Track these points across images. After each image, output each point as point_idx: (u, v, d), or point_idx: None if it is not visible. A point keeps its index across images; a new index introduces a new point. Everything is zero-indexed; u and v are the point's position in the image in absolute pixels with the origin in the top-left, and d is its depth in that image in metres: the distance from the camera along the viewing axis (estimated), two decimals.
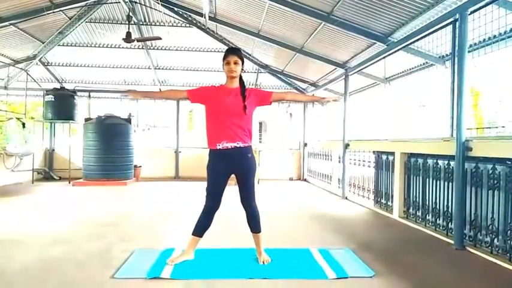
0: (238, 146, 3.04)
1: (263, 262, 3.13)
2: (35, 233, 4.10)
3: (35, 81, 10.20)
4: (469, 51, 3.93)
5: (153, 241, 3.84)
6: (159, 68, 10.47)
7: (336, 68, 7.93)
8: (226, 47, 9.27)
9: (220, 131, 3.05)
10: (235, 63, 3.08)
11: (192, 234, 3.18)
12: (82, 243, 3.72)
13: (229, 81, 3.15)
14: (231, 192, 3.40)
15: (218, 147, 3.05)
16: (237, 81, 3.15)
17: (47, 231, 4.19)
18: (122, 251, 3.42)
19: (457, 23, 3.98)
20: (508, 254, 3.25)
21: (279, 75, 10.31)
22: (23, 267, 3.03)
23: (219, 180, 3.12)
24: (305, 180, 10.15)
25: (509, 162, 3.28)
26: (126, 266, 3.04)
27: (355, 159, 6.90)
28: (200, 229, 3.16)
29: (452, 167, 4.00)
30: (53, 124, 10.04)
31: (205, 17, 7.39)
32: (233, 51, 3.14)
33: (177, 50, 9.64)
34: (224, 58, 3.12)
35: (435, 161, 4.41)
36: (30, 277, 2.84)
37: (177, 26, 8.74)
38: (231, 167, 3.10)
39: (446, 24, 4.34)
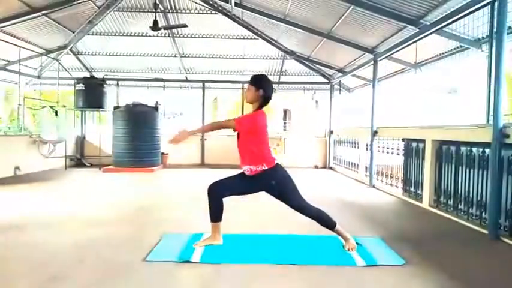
0: (249, 169, 3.11)
1: (348, 249, 3.13)
2: (70, 217, 4.27)
3: (66, 70, 10.50)
4: (508, 34, 3.74)
5: (183, 226, 3.91)
6: (185, 56, 10.54)
7: (364, 54, 7.74)
8: (251, 34, 9.24)
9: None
10: (248, 88, 3.19)
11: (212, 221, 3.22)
12: (114, 227, 3.84)
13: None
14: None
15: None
16: (254, 106, 3.18)
17: (80, 215, 4.35)
18: (152, 234, 3.50)
19: (496, 4, 3.78)
20: None
21: (305, 62, 10.18)
22: (58, 248, 3.16)
23: (237, 186, 3.21)
24: (331, 168, 10.05)
25: None
26: (157, 249, 3.12)
27: (383, 147, 6.77)
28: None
29: (488, 155, 3.85)
30: (83, 112, 10.33)
31: (231, 3, 7.34)
32: (250, 79, 3.22)
33: (202, 37, 9.67)
34: None
35: (469, 148, 4.26)
36: (66, 257, 2.95)
37: (202, 13, 8.74)
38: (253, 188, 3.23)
39: (484, 5, 4.13)
